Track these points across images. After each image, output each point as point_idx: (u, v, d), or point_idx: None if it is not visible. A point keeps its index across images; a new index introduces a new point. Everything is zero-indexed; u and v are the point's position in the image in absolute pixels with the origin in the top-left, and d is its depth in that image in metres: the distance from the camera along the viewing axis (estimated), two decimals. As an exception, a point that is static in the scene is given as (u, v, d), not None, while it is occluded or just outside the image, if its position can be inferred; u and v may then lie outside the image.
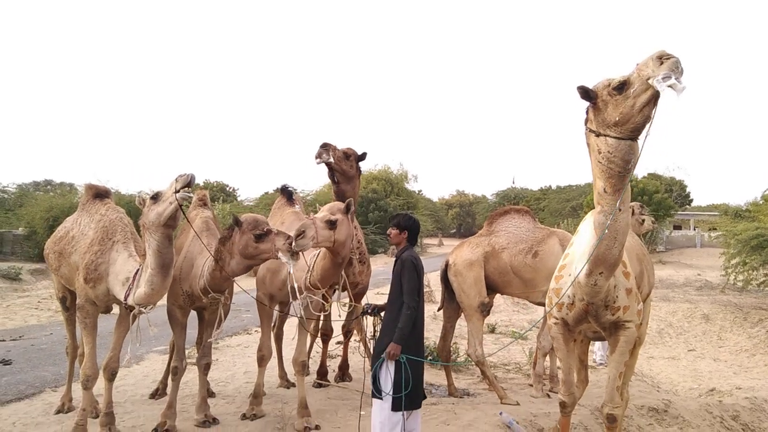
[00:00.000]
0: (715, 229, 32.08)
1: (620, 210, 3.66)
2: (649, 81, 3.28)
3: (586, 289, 4.01)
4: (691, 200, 48.88)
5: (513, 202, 52.60)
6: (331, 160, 5.83)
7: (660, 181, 39.38)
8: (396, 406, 4.22)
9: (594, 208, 3.89)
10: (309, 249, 4.70)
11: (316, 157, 5.87)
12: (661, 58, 3.25)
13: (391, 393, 4.22)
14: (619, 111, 3.45)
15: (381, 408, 4.28)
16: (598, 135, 3.60)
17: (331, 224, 4.67)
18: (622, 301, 4.14)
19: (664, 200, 35.10)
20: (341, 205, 4.89)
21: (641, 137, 3.51)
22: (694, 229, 49.22)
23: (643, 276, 4.83)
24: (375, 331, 4.92)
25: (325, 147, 5.88)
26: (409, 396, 4.26)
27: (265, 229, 4.62)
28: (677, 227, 50.75)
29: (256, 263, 4.89)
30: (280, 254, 4.50)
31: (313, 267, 5.06)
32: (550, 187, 62.55)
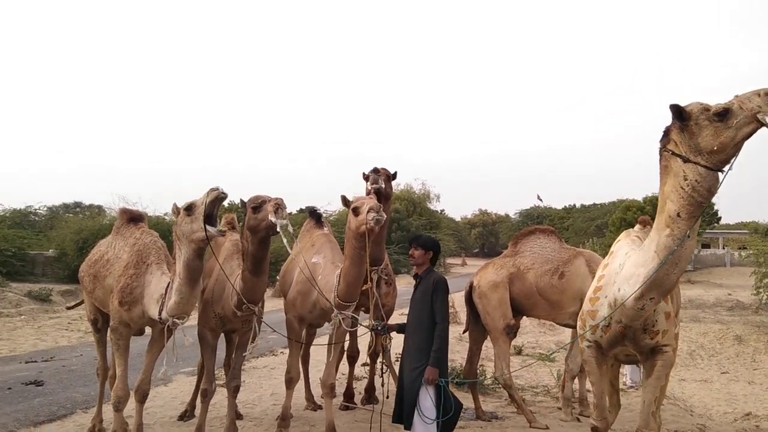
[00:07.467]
0: (745, 247, 31.41)
1: (689, 237, 3.60)
2: (758, 116, 3.27)
3: (630, 312, 3.92)
4: (720, 218, 47.86)
5: (536, 221, 52.22)
6: (383, 185, 5.74)
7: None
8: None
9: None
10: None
11: (372, 184, 5.72)
12: None
13: (439, 419, 4.18)
14: (719, 140, 3.40)
15: None
16: (686, 161, 3.53)
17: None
18: (661, 326, 4.07)
19: (692, 218, 34.53)
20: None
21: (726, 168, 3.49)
22: (723, 248, 48.29)
23: (673, 298, 4.77)
24: (383, 349, 4.91)
25: (378, 172, 5.76)
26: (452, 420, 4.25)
27: (260, 201, 4.79)
28: (705, 246, 49.86)
29: (263, 235, 4.86)
30: (270, 216, 4.61)
31: (339, 282, 5.02)
32: (574, 205, 62.04)
